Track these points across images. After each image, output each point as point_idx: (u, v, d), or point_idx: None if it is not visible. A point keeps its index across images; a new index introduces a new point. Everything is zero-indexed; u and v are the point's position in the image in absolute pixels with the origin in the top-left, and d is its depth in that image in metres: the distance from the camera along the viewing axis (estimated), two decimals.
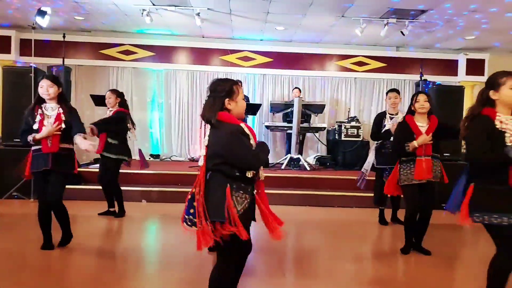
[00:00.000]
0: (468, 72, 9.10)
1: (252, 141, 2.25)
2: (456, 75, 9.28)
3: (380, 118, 5.19)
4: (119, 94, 5.18)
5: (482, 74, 8.96)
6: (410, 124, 3.85)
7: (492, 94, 2.49)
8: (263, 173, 2.33)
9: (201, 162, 2.34)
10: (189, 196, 2.25)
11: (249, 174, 2.21)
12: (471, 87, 9.15)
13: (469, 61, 9.11)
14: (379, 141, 5.14)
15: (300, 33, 8.59)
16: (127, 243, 4.24)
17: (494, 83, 2.50)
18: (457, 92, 6.74)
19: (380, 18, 7.34)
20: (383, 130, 5.00)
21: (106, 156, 4.99)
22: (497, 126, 2.42)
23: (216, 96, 2.24)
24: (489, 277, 2.49)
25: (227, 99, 2.22)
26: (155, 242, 4.64)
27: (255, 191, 2.30)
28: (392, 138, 4.61)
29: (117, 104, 5.10)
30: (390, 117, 5.10)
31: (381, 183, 5.06)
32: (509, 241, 2.41)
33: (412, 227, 3.94)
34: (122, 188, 5.30)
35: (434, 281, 3.33)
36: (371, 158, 5.26)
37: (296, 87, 8.81)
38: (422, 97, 3.85)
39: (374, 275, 3.52)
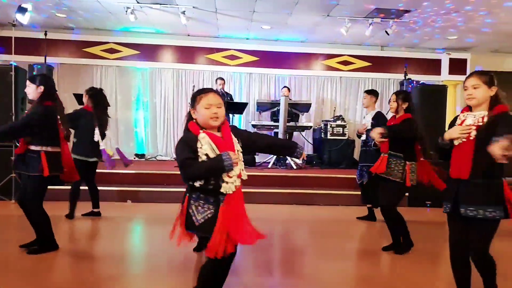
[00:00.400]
0: (451, 72, 9.25)
1: (206, 152, 2.15)
2: (440, 74, 9.43)
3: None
4: (87, 92, 5.00)
5: (465, 74, 9.11)
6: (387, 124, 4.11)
7: None
8: (231, 186, 2.17)
9: None
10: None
11: (196, 184, 2.17)
12: (454, 86, 9.32)
13: (452, 61, 9.27)
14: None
15: (286, 32, 8.61)
16: (113, 244, 4.18)
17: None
18: (440, 91, 6.83)
19: (364, 17, 7.41)
20: None
21: None
22: (455, 123, 2.56)
23: None
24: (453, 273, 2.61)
25: (191, 109, 2.28)
26: (140, 242, 4.59)
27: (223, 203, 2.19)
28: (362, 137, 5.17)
29: (88, 102, 4.93)
30: (364, 116, 5.29)
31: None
32: (450, 231, 2.57)
33: (386, 221, 4.02)
34: (107, 188, 5.21)
35: (418, 277, 3.37)
36: None
37: (285, 86, 8.79)
38: (392, 97, 4.02)
39: (359, 273, 3.54)
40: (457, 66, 9.21)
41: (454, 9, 6.77)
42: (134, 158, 8.93)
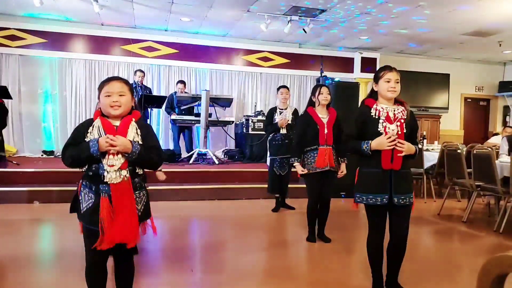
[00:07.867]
0: (363, 70, 9.87)
1: (93, 137, 2.09)
2: (352, 72, 10.00)
3: (271, 112, 5.49)
4: None
5: (375, 72, 9.79)
6: (313, 116, 4.04)
7: (374, 87, 2.76)
8: (113, 175, 2.06)
9: None
10: None
11: (83, 170, 2.17)
12: (365, 84, 9.97)
13: (364, 59, 9.89)
14: (271, 134, 5.41)
15: (206, 25, 8.50)
16: (18, 248, 3.78)
17: (375, 76, 2.76)
18: (353, 88, 7.20)
19: (283, 14, 7.57)
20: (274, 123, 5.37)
21: None
22: (371, 114, 2.65)
23: None
24: (368, 256, 2.78)
25: (98, 98, 2.28)
26: (49, 245, 4.21)
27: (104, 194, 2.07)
28: (284, 131, 5.26)
29: None
30: (280, 111, 5.42)
31: (272, 172, 5.39)
32: (377, 219, 2.70)
33: (315, 215, 4.14)
34: (11, 188, 4.69)
35: (335, 265, 3.54)
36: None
37: (180, 81, 8.41)
38: (325, 90, 4.08)
39: (280, 263, 3.61)
40: (368, 65, 9.86)
41: (359, 12, 7.21)
42: (42, 155, 8.22)
